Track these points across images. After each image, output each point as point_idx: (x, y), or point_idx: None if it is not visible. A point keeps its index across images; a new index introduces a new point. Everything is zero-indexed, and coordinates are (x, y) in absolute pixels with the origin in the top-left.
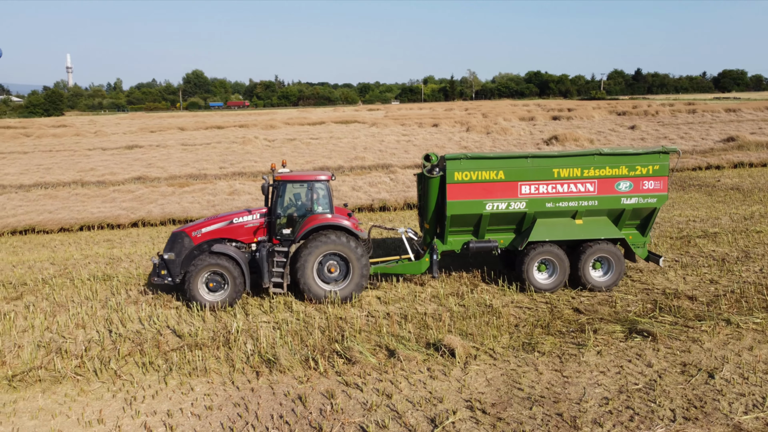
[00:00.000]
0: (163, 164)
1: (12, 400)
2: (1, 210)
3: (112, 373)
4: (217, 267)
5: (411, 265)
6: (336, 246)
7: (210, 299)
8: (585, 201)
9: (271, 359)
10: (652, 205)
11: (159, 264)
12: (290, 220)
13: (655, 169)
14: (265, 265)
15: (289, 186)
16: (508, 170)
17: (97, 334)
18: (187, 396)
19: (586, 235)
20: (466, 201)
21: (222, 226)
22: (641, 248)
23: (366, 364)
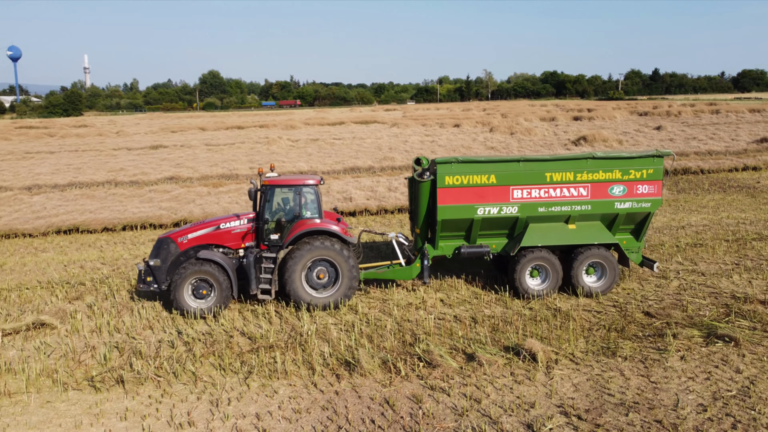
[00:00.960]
0: (192, 164)
1: (97, 401)
2: (42, 209)
3: (190, 375)
4: (203, 274)
5: (402, 270)
6: (325, 252)
7: (196, 306)
8: (578, 205)
9: (351, 362)
10: (646, 210)
11: (145, 271)
12: (278, 225)
13: (649, 173)
14: (252, 272)
15: (277, 190)
16: (499, 174)
17: (166, 335)
18: (272, 399)
19: (579, 240)
20: (457, 206)
21: (209, 232)
22: (636, 253)
23: (447, 367)
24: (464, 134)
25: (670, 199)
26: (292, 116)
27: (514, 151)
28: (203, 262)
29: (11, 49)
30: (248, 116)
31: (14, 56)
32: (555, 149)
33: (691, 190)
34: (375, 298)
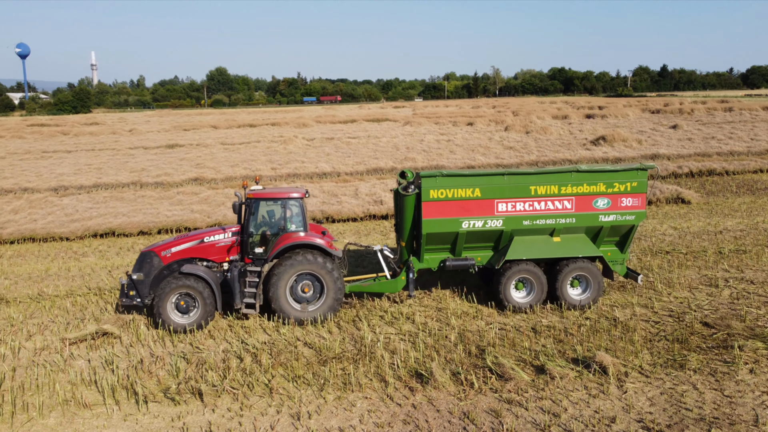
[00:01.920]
0: (213, 164)
1: (178, 414)
2: (75, 212)
3: (264, 387)
4: (187, 288)
5: (387, 283)
6: (309, 266)
7: (180, 322)
8: (562, 218)
9: (424, 375)
10: (630, 223)
11: (127, 284)
12: (263, 238)
13: (633, 186)
14: (236, 286)
15: (262, 203)
16: (484, 188)
17: (229, 345)
18: (351, 412)
19: (563, 253)
20: (442, 219)
21: (192, 245)
22: (620, 265)
23: (519, 380)
24: (479, 133)
25: (701, 202)
26: (301, 113)
27: (533, 151)
28: (186, 276)
29: (20, 47)
30: (257, 113)
31: (23, 53)
32: (574, 149)
33: (719, 193)
34: (429, 306)
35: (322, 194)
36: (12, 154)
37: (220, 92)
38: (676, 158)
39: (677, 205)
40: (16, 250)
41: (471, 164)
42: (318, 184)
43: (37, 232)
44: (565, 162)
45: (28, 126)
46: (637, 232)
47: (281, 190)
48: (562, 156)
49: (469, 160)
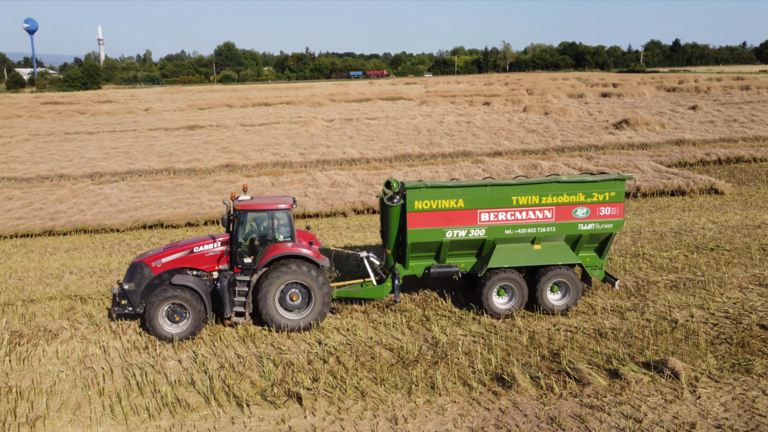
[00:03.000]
0: (239, 149)
1: (280, 417)
2: (118, 202)
3: (353, 389)
4: (177, 299)
5: (373, 289)
6: (297, 275)
7: (172, 331)
8: (543, 227)
9: (506, 379)
10: (609, 231)
11: (119, 294)
12: (252, 248)
13: (612, 195)
14: (226, 295)
15: (250, 215)
16: (467, 198)
17: (309, 347)
18: (444, 416)
19: (544, 260)
20: (426, 229)
21: (182, 256)
22: (599, 270)
23: (597, 385)
24: (497, 113)
25: (734, 192)
26: (313, 91)
27: (557, 135)
28: (177, 287)
29: (28, 22)
30: (269, 90)
31: (31, 29)
32: (597, 133)
33: (750, 182)
34: None
35: (357, 183)
36: (35, 135)
37: (228, 68)
38: (701, 144)
39: (711, 196)
40: (71, 242)
41: (497, 149)
42: (350, 172)
43: (88, 223)
44: (591, 147)
45: (42, 104)
46: (676, 225)
47: (269, 201)
48: (587, 141)
49: (494, 145)
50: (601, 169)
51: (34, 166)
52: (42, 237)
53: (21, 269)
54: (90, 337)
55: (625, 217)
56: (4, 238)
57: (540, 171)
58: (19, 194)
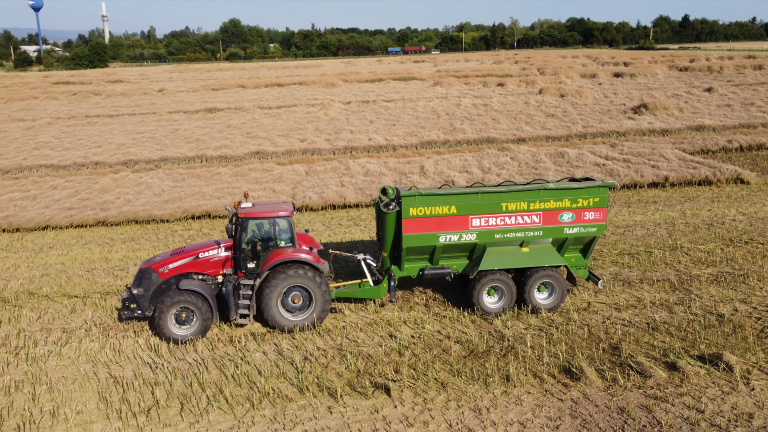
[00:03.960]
0: (264, 134)
1: (373, 407)
2: (161, 192)
3: (433, 380)
4: (185, 303)
5: (371, 290)
6: (299, 279)
7: (180, 333)
8: (531, 231)
9: (575, 371)
10: (593, 234)
11: (128, 298)
12: (254, 253)
13: (595, 201)
14: (231, 299)
15: (253, 222)
16: (459, 205)
17: (381, 339)
18: (522, 407)
19: (532, 262)
20: (421, 234)
21: (188, 262)
22: (583, 269)
23: (657, 377)
24: (513, 96)
25: (759, 182)
26: (323, 69)
27: (577, 120)
28: (185, 292)
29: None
30: (277, 69)
31: (36, 5)
32: (617, 118)
33: None
34: None
35: (389, 172)
36: (56, 119)
37: (234, 45)
38: (721, 130)
39: (737, 185)
40: (125, 233)
41: (520, 135)
42: (380, 160)
43: (138, 214)
44: (612, 133)
45: (54, 84)
46: (707, 217)
47: (270, 209)
48: (608, 127)
49: (516, 131)
50: (626, 157)
51: (67, 153)
52: (96, 227)
53: (86, 261)
54: None
55: (608, 220)
56: (60, 229)
57: (567, 159)
58: (62, 183)
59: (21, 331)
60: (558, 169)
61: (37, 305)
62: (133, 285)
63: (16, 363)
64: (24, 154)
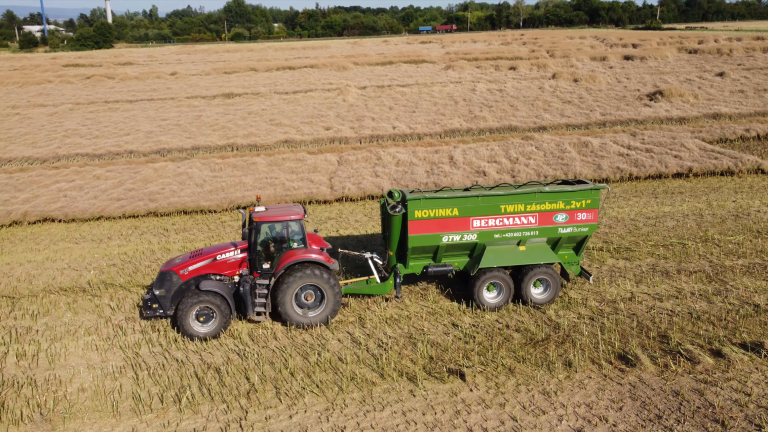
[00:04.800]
0: (288, 121)
1: (451, 391)
2: (203, 182)
3: (500, 366)
4: (206, 303)
5: (378, 286)
6: (311, 279)
7: (201, 331)
8: (528, 231)
9: (630, 358)
10: (585, 233)
11: (150, 299)
12: (269, 255)
13: (587, 203)
14: (249, 298)
15: (267, 226)
16: (461, 208)
17: (445, 327)
18: (586, 390)
19: (528, 260)
20: (425, 235)
21: (207, 263)
22: (575, 265)
23: (705, 363)
24: (527, 80)
25: None
26: (330, 51)
27: (595, 108)
28: (205, 293)
29: None
30: (285, 50)
31: None
32: (634, 105)
33: None
34: (590, 290)
35: (420, 162)
36: (77, 104)
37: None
38: (737, 118)
39: (758, 176)
40: (176, 223)
41: (540, 123)
42: (408, 149)
43: (187, 205)
44: (631, 121)
45: (63, 66)
46: (733, 208)
47: (283, 213)
48: (626, 115)
49: (536, 119)
50: (648, 147)
51: (98, 141)
52: (146, 218)
53: (147, 251)
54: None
55: (599, 220)
56: (113, 219)
57: (591, 149)
58: (103, 173)
59: (108, 320)
60: (584, 160)
61: (114, 294)
62: (154, 286)
63: (113, 350)
64: (57, 142)
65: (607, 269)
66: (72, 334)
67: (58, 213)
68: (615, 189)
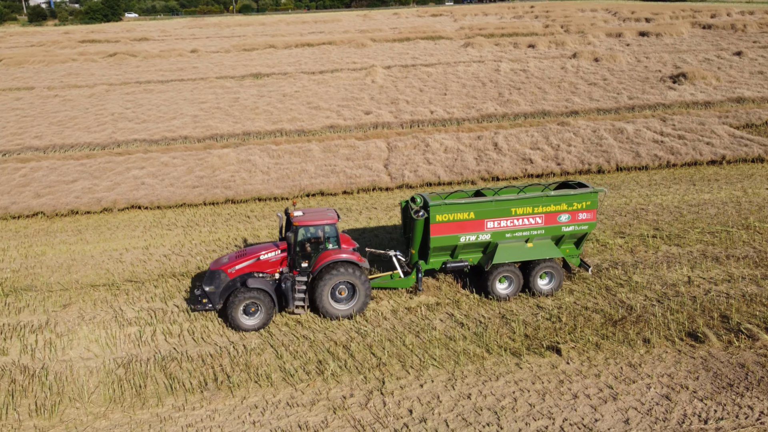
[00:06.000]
0: (325, 104)
1: (548, 364)
2: (267, 170)
3: (587, 342)
4: (252, 299)
5: (401, 281)
6: (345, 276)
7: (248, 324)
8: (535, 230)
9: (699, 335)
10: (585, 231)
11: (200, 294)
12: (306, 255)
13: (587, 204)
14: (290, 294)
15: (305, 229)
16: (477, 211)
17: (531, 308)
18: (665, 362)
19: (535, 255)
20: (445, 236)
21: (251, 263)
22: (575, 258)
23: (764, 340)
24: (548, 60)
25: None
26: (342, 25)
27: (619, 89)
28: (252, 289)
29: None
30: (296, 24)
31: None
32: (658, 88)
33: None
34: (651, 275)
35: (466, 149)
36: (112, 85)
37: None
38: (761, 101)
39: None
40: (254, 211)
41: (572, 108)
42: (450, 134)
43: (261, 192)
44: (659, 106)
45: (80, 42)
46: (762, 199)
47: (319, 217)
48: (653, 99)
49: (566, 102)
50: (680, 133)
51: (148, 126)
52: (225, 205)
53: (251, 237)
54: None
55: (598, 218)
56: (195, 206)
57: (627, 136)
58: (169, 160)
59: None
60: (621, 147)
61: None
62: (205, 283)
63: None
64: (109, 127)
65: (662, 255)
66: (212, 313)
67: (144, 200)
68: (654, 176)
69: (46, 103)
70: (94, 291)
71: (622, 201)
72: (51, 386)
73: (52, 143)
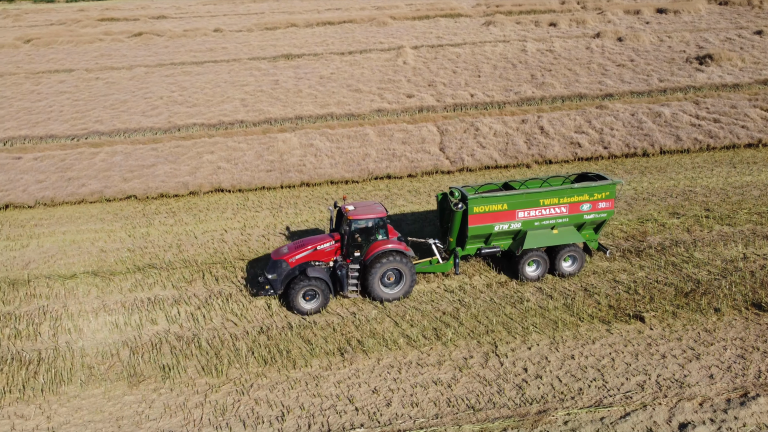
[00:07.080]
0: (366, 87)
1: (635, 330)
2: (331, 155)
3: (664, 311)
4: (311, 286)
5: (440, 266)
6: (393, 264)
7: (307, 307)
8: (560, 219)
9: (763, 305)
10: (603, 218)
11: (264, 281)
12: (358, 246)
13: (607, 194)
14: (345, 280)
15: (357, 222)
16: (509, 203)
17: (609, 284)
18: (736, 328)
19: (560, 241)
20: (481, 225)
21: (309, 253)
22: (594, 242)
23: None
24: (571, 39)
25: None
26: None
27: (649, 71)
28: (311, 278)
29: None
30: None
31: None
32: (686, 70)
33: None
34: (710, 252)
35: (514, 132)
36: (150, 67)
37: None
38: None
39: None
40: (330, 193)
41: (606, 91)
42: (495, 118)
43: (333, 176)
44: (689, 88)
45: (98, 21)
46: None
47: (370, 211)
48: (683, 81)
49: (600, 85)
50: (714, 117)
51: (200, 109)
52: (300, 188)
53: (326, 219)
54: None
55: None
56: (273, 189)
57: (665, 120)
58: (235, 144)
59: None
60: (662, 131)
61: None
62: (268, 271)
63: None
64: (164, 111)
65: (716, 234)
66: None
67: (226, 184)
68: (696, 159)
69: (92, 87)
70: (212, 268)
71: (670, 183)
72: (206, 351)
73: (115, 128)
